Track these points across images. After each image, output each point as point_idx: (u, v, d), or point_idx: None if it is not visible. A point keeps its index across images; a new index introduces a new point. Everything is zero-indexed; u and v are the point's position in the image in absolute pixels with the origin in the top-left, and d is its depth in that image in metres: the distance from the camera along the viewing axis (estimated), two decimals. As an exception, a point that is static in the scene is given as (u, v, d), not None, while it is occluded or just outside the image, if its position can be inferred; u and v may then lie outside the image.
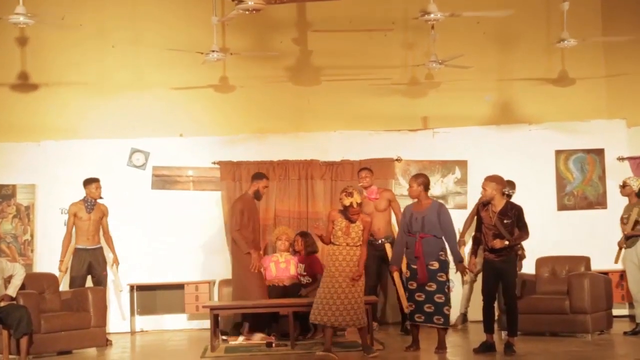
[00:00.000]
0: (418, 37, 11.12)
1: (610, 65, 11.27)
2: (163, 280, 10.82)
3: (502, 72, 11.34)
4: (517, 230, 8.17)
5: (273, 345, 8.94)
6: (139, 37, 11.14)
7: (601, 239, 10.43)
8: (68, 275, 9.84)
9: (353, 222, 8.14)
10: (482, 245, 8.32)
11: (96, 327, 9.17)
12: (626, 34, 10.57)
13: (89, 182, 9.89)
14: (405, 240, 8.42)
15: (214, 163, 10.93)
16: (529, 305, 9.10)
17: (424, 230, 8.29)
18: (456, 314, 10.06)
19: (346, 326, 8.22)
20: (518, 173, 10.15)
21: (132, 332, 10.71)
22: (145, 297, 10.82)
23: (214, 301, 10.28)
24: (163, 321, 10.87)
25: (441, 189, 10.93)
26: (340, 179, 10.84)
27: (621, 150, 10.91)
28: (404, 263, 8.55)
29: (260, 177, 9.57)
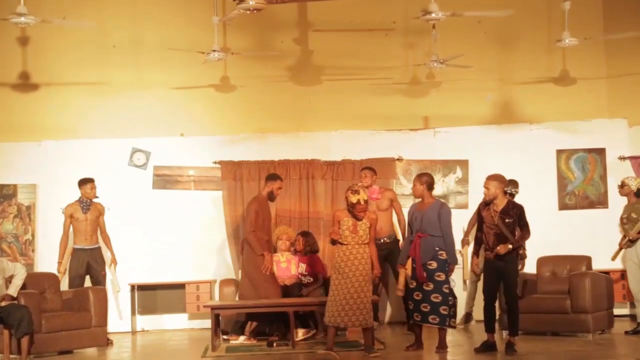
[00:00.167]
0: (419, 37, 11.11)
1: (611, 64, 11.26)
2: (164, 280, 10.82)
3: (503, 72, 11.33)
4: (519, 229, 8.17)
5: (274, 344, 8.94)
6: (140, 37, 11.13)
7: (602, 239, 10.43)
8: (67, 275, 9.84)
9: (360, 220, 8.14)
10: (484, 244, 8.32)
11: (97, 327, 9.17)
12: (627, 33, 10.55)
13: (84, 183, 9.87)
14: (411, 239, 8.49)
15: (215, 163, 10.92)
16: (530, 304, 9.10)
17: (422, 228, 8.30)
18: (461, 314, 10.05)
19: (358, 326, 8.20)
20: (519, 173, 10.14)
21: (133, 332, 10.71)
22: (146, 297, 10.82)
23: (215, 301, 10.27)
24: (164, 321, 10.87)
25: (442, 189, 10.92)
26: (341, 179, 10.83)
27: (622, 149, 10.91)
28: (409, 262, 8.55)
29: (274, 179, 9.52)
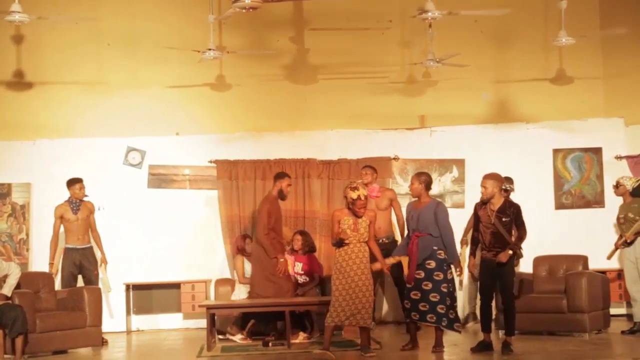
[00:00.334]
0: (415, 36, 11.09)
1: (608, 63, 11.25)
2: (159, 279, 10.79)
3: (500, 71, 11.32)
4: (515, 228, 8.15)
5: (270, 344, 8.91)
6: (135, 35, 11.10)
7: (599, 238, 10.42)
8: (59, 275, 9.79)
9: (360, 217, 8.12)
10: (480, 244, 8.29)
11: (92, 327, 9.13)
12: (623, 32, 10.54)
13: (73, 183, 9.83)
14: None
15: (211, 162, 10.89)
16: (527, 304, 9.08)
17: (419, 228, 8.29)
18: (463, 313, 10.04)
19: (356, 324, 8.17)
20: (516, 172, 10.13)
21: (128, 332, 10.67)
22: (141, 297, 10.78)
23: (210, 300, 10.24)
24: (159, 320, 10.84)
25: (439, 188, 10.90)
26: (337, 178, 10.81)
27: (619, 149, 10.90)
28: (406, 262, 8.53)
29: (282, 177, 9.46)
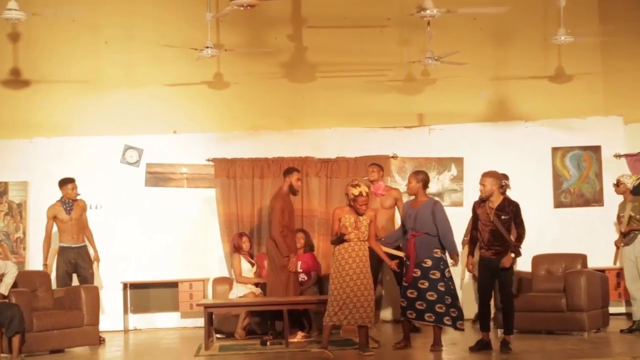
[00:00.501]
0: (414, 34, 11.06)
1: (607, 61, 11.23)
2: (156, 278, 10.75)
3: (499, 69, 11.30)
4: (514, 227, 8.12)
5: (268, 343, 8.89)
6: (132, 33, 11.07)
7: (598, 237, 10.41)
8: (54, 274, 9.75)
9: (361, 215, 8.09)
10: (479, 243, 8.27)
11: (89, 326, 9.09)
12: (622, 30, 10.53)
13: (65, 183, 9.79)
14: (401, 232, 8.51)
15: (208, 160, 10.86)
16: (525, 303, 9.06)
17: (417, 227, 8.27)
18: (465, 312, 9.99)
19: (356, 324, 8.13)
20: (514, 170, 10.07)
21: (126, 331, 10.64)
22: (138, 295, 10.75)
23: (208, 299, 10.22)
24: (156, 319, 10.82)
25: (437, 187, 10.88)
26: (335, 176, 10.79)
27: (618, 147, 10.88)
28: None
29: (291, 172, 9.39)
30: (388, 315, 10.75)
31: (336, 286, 8.07)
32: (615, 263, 9.59)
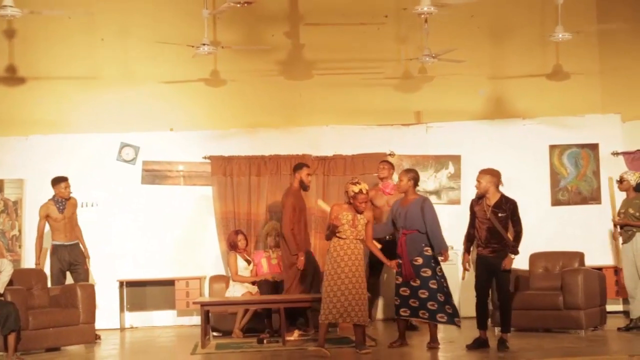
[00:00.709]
0: (411, 31, 11.04)
1: (605, 59, 11.21)
2: (153, 276, 10.73)
3: (496, 66, 11.28)
4: (512, 225, 8.11)
5: (265, 341, 8.87)
6: (129, 30, 11.03)
7: (595, 235, 10.42)
8: (48, 272, 9.71)
9: (360, 213, 8.06)
10: (476, 240, 8.25)
11: (85, 324, 9.09)
12: (621, 28, 10.51)
13: (58, 182, 9.75)
14: (391, 225, 8.47)
15: (205, 158, 10.83)
16: (523, 301, 9.06)
17: (407, 225, 8.26)
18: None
19: (353, 322, 8.11)
20: (512, 168, 10.06)
21: (122, 329, 10.62)
22: (134, 293, 10.73)
23: (205, 297, 10.20)
24: (153, 317, 10.79)
25: (434, 184, 10.86)
26: (332, 174, 10.77)
27: (616, 145, 10.87)
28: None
29: (300, 167, 9.38)
30: (379, 314, 10.70)
31: (330, 283, 8.04)
32: (617, 262, 9.56)
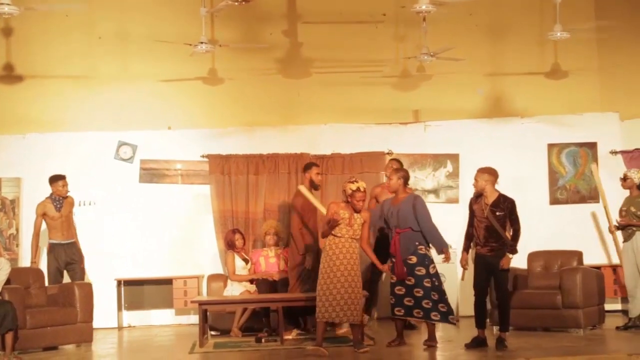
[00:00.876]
0: (409, 30, 11.03)
1: (603, 58, 11.21)
2: (151, 275, 10.71)
3: (495, 65, 11.28)
4: (510, 223, 8.10)
5: (263, 340, 8.86)
6: (126, 29, 11.02)
7: (594, 233, 10.40)
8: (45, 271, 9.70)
9: (357, 211, 8.04)
10: (475, 239, 8.24)
11: (83, 323, 9.06)
12: (619, 26, 10.51)
13: (56, 180, 9.73)
14: (382, 223, 8.45)
15: (203, 156, 10.81)
16: (521, 300, 9.05)
17: (400, 224, 8.24)
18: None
19: (346, 321, 8.11)
20: (510, 167, 10.09)
21: (120, 328, 10.60)
22: (132, 292, 10.70)
23: (203, 296, 10.18)
24: (150, 316, 10.77)
25: (432, 183, 10.85)
26: (330, 173, 10.75)
27: (614, 143, 10.86)
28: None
29: (309, 167, 9.40)
30: (383, 312, 10.69)
31: (325, 281, 8.02)
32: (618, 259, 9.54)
